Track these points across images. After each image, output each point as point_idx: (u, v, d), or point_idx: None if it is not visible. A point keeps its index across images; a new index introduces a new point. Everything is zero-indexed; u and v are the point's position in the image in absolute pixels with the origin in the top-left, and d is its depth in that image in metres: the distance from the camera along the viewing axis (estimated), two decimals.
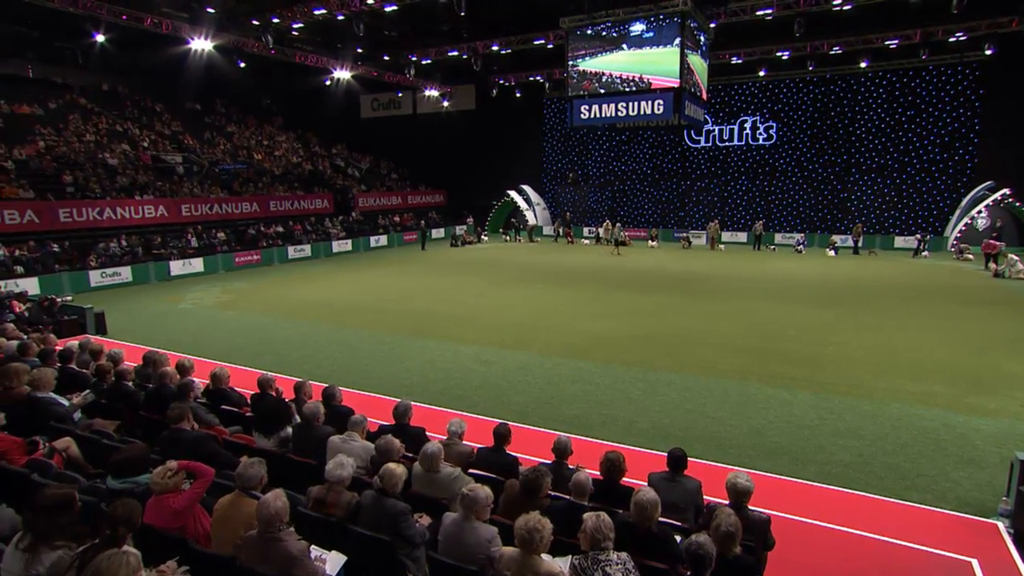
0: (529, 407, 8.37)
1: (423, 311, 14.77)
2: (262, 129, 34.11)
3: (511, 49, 25.19)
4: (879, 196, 28.04)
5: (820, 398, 8.51)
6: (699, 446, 7.04)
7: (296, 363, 10.54)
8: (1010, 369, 9.84)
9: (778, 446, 7.04)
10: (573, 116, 18.22)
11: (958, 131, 26.21)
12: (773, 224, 29.87)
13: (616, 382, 9.33)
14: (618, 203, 34.36)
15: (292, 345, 11.82)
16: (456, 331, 12.65)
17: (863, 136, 27.99)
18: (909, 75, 26.63)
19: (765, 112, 29.87)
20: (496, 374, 9.82)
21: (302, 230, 27.22)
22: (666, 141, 32.56)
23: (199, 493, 3.61)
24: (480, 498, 3.38)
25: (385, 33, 26.26)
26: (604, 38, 17.20)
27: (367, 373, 9.96)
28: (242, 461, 3.52)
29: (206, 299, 16.94)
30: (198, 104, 32.09)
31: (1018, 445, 6.97)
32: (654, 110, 16.64)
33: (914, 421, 7.71)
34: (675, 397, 8.66)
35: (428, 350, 11.30)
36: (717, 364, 10.20)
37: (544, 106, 35.28)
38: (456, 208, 36.77)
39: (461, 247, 29.95)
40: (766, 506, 4.69)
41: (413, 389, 9.13)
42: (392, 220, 32.69)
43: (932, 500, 5.83)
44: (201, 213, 23.79)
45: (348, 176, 34.26)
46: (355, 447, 4.57)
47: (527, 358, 10.65)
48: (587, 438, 7.25)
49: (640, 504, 3.44)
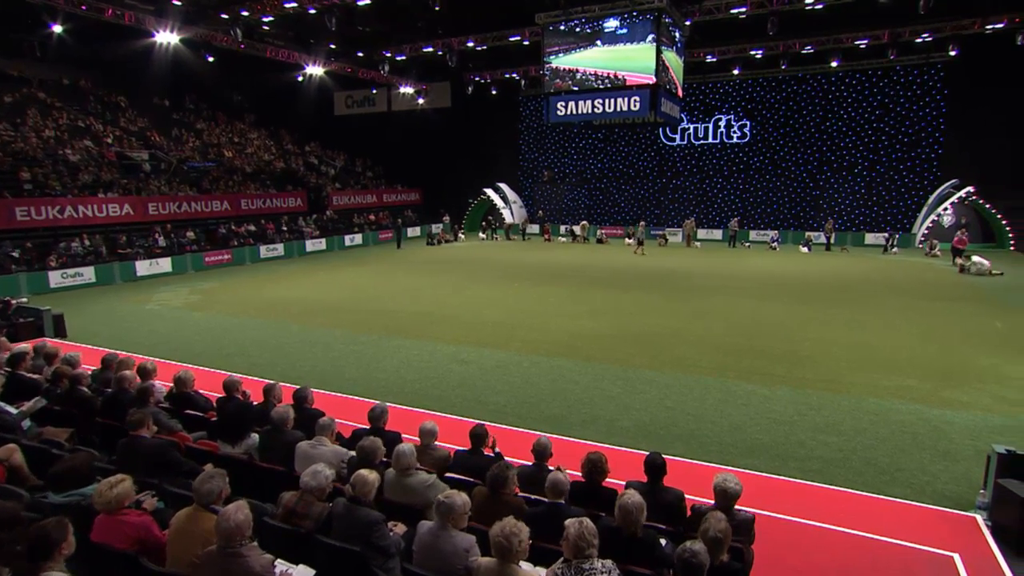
0: (508, 407, 8.21)
1: (399, 310, 14.51)
2: (233, 126, 33.33)
3: (487, 46, 24.97)
4: (850, 193, 28.54)
5: (799, 394, 8.51)
6: (680, 444, 6.96)
7: (268, 365, 10.23)
8: (979, 363, 9.99)
9: (759, 443, 7.00)
10: (549, 113, 18.14)
11: (924, 130, 26.79)
12: (748, 221, 30.19)
13: (596, 380, 9.22)
14: (595, 201, 34.40)
15: (264, 346, 11.48)
16: (432, 330, 12.43)
17: (834, 135, 28.45)
18: (878, 75, 27.13)
19: (739, 111, 30.17)
20: (474, 373, 9.64)
21: (275, 229, 26.65)
22: (642, 139, 32.69)
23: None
24: (456, 505, 3.20)
25: (359, 28, 25.82)
26: (578, 34, 17.15)
27: (341, 374, 9.71)
28: (200, 474, 3.28)
29: (174, 300, 16.41)
30: (166, 100, 31.19)
31: (991, 438, 7.03)
32: (630, 107, 16.65)
33: (891, 415, 7.74)
34: (655, 395, 8.58)
35: (404, 349, 11.07)
36: (696, 361, 10.16)
37: (520, 104, 35.14)
38: (432, 206, 36.44)
39: (437, 245, 29.66)
40: (749, 504, 4.59)
41: (389, 390, 8.91)
42: (367, 219, 32.24)
43: (912, 494, 5.82)
44: (169, 212, 23.12)
45: (322, 174, 33.69)
46: (324, 452, 4.35)
47: (505, 357, 10.49)
48: (568, 438, 7.11)
49: (625, 508, 3.30)
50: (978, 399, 8.34)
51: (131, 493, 3.24)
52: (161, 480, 3.81)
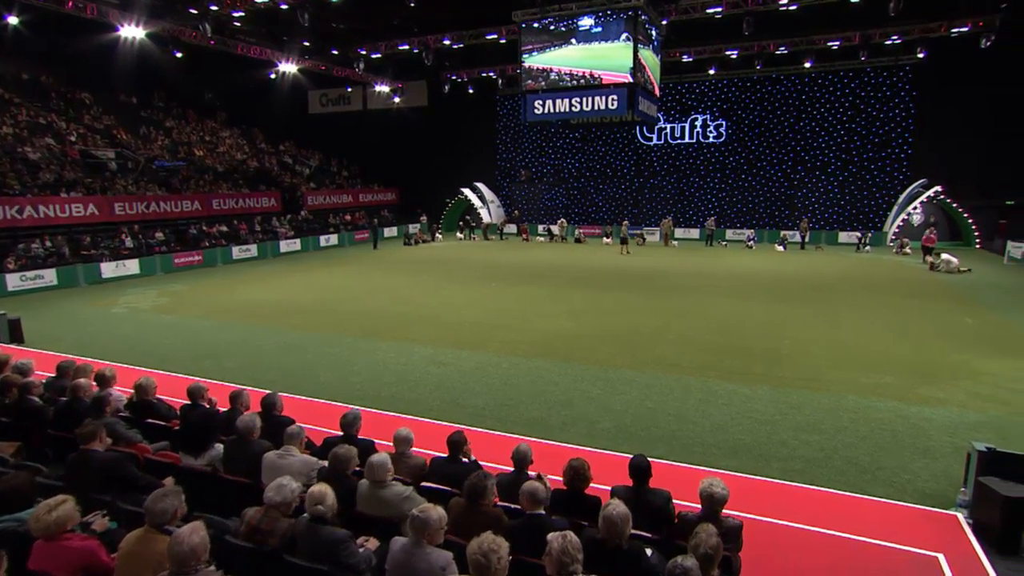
0: (487, 410, 8.03)
1: (375, 311, 14.23)
2: (204, 124, 32.53)
3: (463, 44, 24.74)
4: (824, 193, 28.94)
5: (780, 393, 8.48)
6: (662, 446, 6.86)
7: (238, 369, 9.90)
8: (952, 359, 10.11)
9: (741, 443, 6.93)
10: (526, 112, 17.99)
11: (894, 130, 27.29)
12: (725, 221, 30.43)
13: (576, 381, 9.09)
14: (572, 200, 34.37)
15: (235, 350, 11.13)
16: (409, 332, 12.19)
17: (808, 135, 28.83)
18: (849, 76, 27.56)
19: (715, 110, 30.40)
20: (451, 376, 9.44)
21: (248, 229, 26.06)
22: (619, 138, 32.76)
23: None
24: (432, 520, 3.01)
25: (332, 25, 25.39)
26: (553, 32, 17.04)
27: (315, 378, 9.43)
28: (153, 491, 3.03)
29: (141, 302, 15.87)
30: (134, 97, 30.30)
31: (968, 434, 7.08)
32: (608, 105, 16.58)
33: (870, 413, 7.75)
34: (636, 395, 8.48)
35: (380, 352, 10.82)
36: (677, 360, 10.10)
37: (497, 103, 34.95)
38: (409, 206, 36.05)
39: (415, 246, 29.32)
40: (733, 507, 4.47)
41: (364, 393, 8.67)
42: (343, 219, 31.74)
43: (894, 493, 5.79)
44: (137, 212, 22.41)
45: (296, 174, 33.09)
46: (293, 463, 4.12)
47: (483, 358, 10.31)
48: (548, 441, 6.96)
49: (610, 519, 3.14)
50: (953, 395, 8.41)
51: (74, 515, 2.97)
52: (114, 497, 3.54)
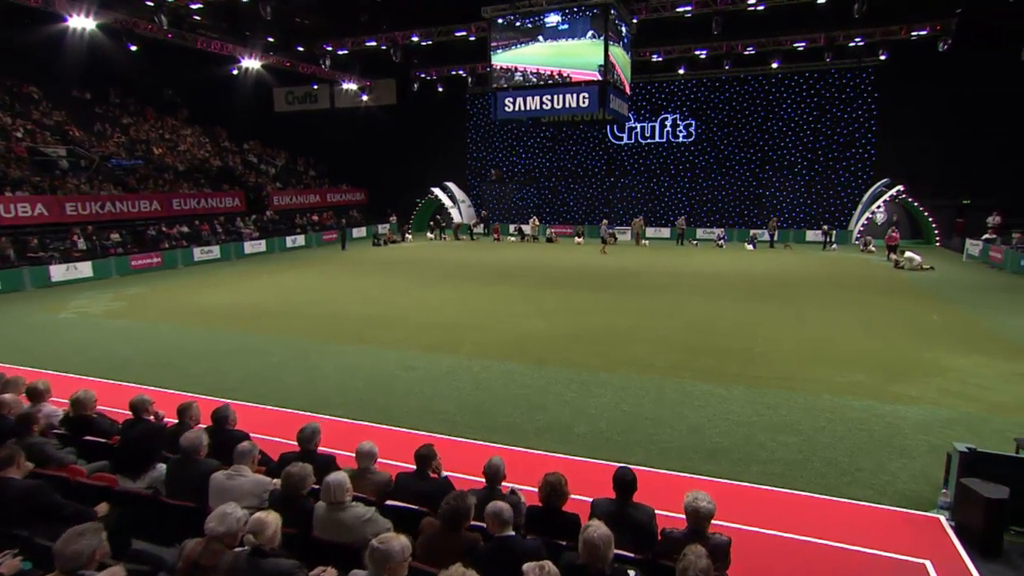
0: (458, 416, 7.72)
1: (343, 314, 13.76)
2: (164, 122, 31.35)
3: (432, 41, 24.33)
4: (791, 192, 29.37)
5: (755, 392, 8.36)
6: (639, 451, 6.65)
7: (197, 376, 9.38)
8: (921, 356, 10.17)
9: (719, 446, 6.76)
10: (497, 109, 17.71)
11: (858, 131, 27.84)
12: (695, 220, 30.62)
13: (549, 384, 8.84)
14: (543, 200, 34.21)
15: (193, 356, 10.57)
16: (378, 334, 11.79)
17: (775, 134, 29.22)
18: (815, 77, 28.01)
19: (685, 110, 30.60)
20: (421, 380, 9.10)
21: (210, 230, 25.18)
22: (590, 138, 32.73)
23: None
24: (395, 552, 2.69)
25: (296, 20, 24.71)
26: (519, 29, 16.78)
27: (278, 384, 8.98)
28: (67, 531, 2.64)
29: (93, 307, 15.08)
30: (88, 93, 28.98)
31: (943, 433, 7.06)
32: (579, 103, 16.41)
33: (846, 412, 7.68)
34: (611, 398, 8.27)
35: (347, 356, 10.41)
36: (651, 361, 9.94)
37: (467, 101, 34.60)
38: (379, 206, 35.42)
39: (384, 246, 28.77)
40: (716, 515, 4.27)
41: (331, 400, 8.27)
42: (310, 219, 30.99)
43: (874, 496, 5.67)
44: (91, 212, 21.41)
45: (262, 173, 32.16)
46: (243, 484, 3.75)
47: (455, 362, 9.99)
48: (521, 448, 6.70)
49: (591, 543, 2.88)
50: (925, 393, 8.41)
51: None
52: (33, 532, 3.13)
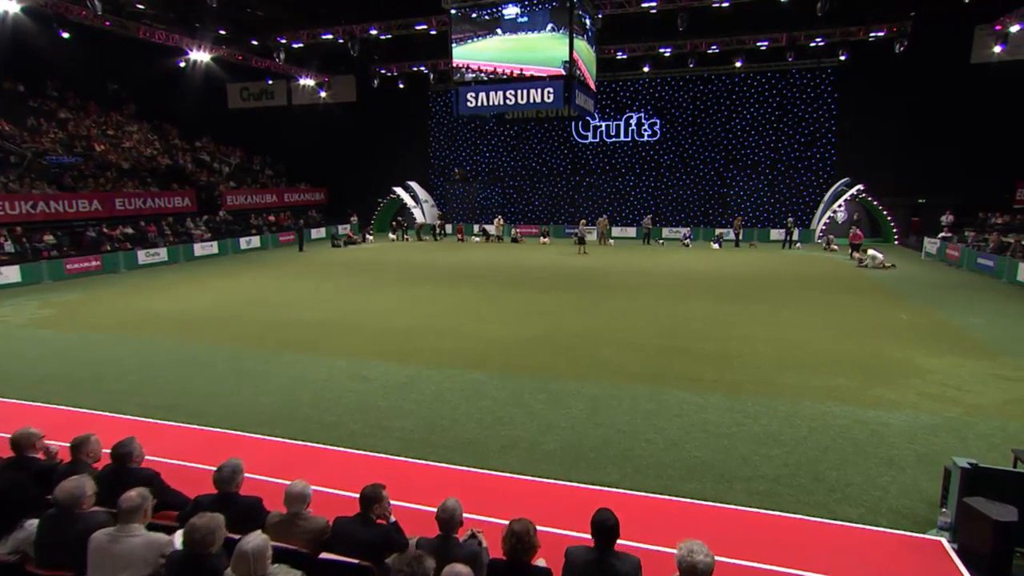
0: (415, 433, 7.05)
1: (296, 320, 12.89)
2: (108, 117, 29.57)
3: (391, 34, 23.46)
4: (755, 191, 29.49)
5: (733, 400, 7.92)
6: (614, 469, 6.09)
7: (126, 393, 8.46)
8: (895, 356, 9.94)
9: (699, 461, 6.26)
10: (459, 104, 17.04)
11: (819, 130, 28.12)
12: (661, 219, 30.48)
13: (515, 395, 8.23)
14: (508, 199, 33.63)
15: (126, 369, 9.61)
16: (332, 342, 11.00)
17: (739, 134, 29.30)
18: (777, 76, 28.18)
19: (650, 108, 30.43)
20: (377, 392, 8.38)
21: (157, 232, 23.76)
22: (555, 136, 32.31)
23: None
24: None
25: (248, 11, 23.54)
26: (476, 21, 16.16)
27: (218, 400, 8.14)
28: None
29: (16, 316, 13.81)
30: (20, 84, 27.09)
31: (928, 440, 6.74)
32: (544, 98, 15.88)
33: (828, 420, 7.29)
34: (582, 408, 7.71)
35: (297, 366, 9.61)
36: (623, 366, 9.43)
37: (430, 99, 33.80)
38: (339, 206, 34.27)
39: (344, 247, 27.74)
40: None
41: (275, 417, 7.50)
42: (267, 220, 29.68)
43: (868, 516, 5.23)
44: (21, 212, 19.88)
45: (215, 172, 30.69)
46: (134, 546, 3.01)
47: (414, 371, 9.29)
48: (484, 470, 6.07)
49: None
50: (905, 396, 8.11)
51: None
52: None
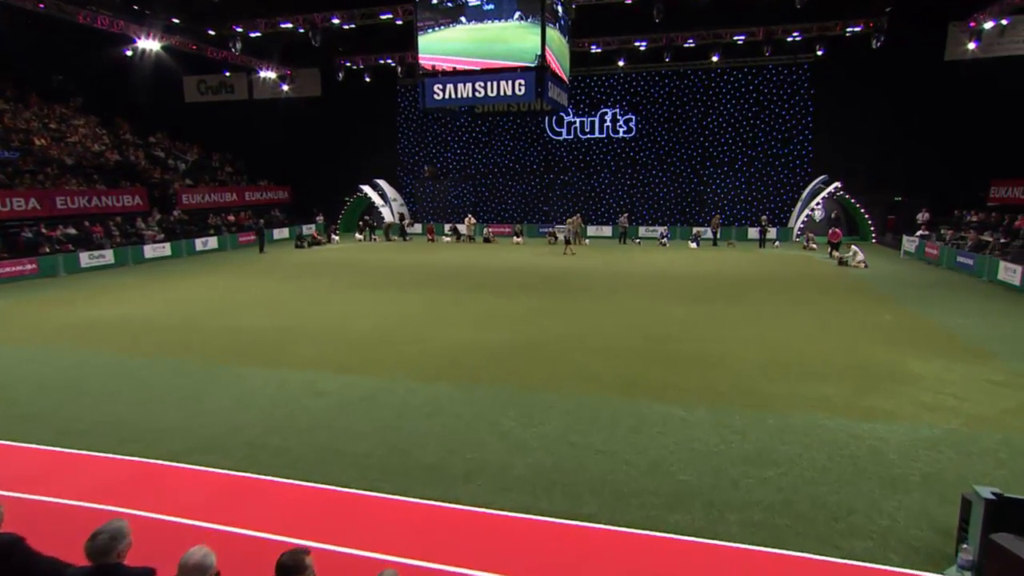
0: (372, 457, 6.26)
1: (249, 328, 11.92)
2: (50, 110, 27.85)
3: (355, 24, 22.44)
4: (732, 189, 29.16)
5: (719, 413, 7.28)
6: (592, 499, 5.37)
7: (43, 415, 7.48)
8: (883, 359, 9.50)
9: (686, 486, 5.59)
10: (425, 97, 16.18)
11: (796, 127, 27.97)
12: (637, 217, 29.98)
13: (484, 411, 7.47)
14: (480, 198, 32.79)
15: (50, 386, 8.58)
16: (286, 352, 10.10)
17: (716, 130, 28.99)
18: (753, 72, 27.92)
19: (624, 104, 29.92)
20: (332, 410, 7.55)
21: (103, 232, 22.33)
22: (528, 132, 31.60)
23: None
24: None
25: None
26: (440, 9, 15.35)
27: (152, 422, 7.22)
28: None
29: None
30: None
31: (931, 458, 6.19)
32: (515, 91, 15.13)
33: (821, 434, 6.70)
34: (556, 425, 6.99)
35: (246, 380, 8.71)
36: (600, 374, 8.76)
37: (398, 93, 32.80)
38: (304, 205, 33.03)
39: (308, 248, 26.60)
40: None
41: (213, 443, 6.63)
42: (226, 219, 28.33)
43: (877, 550, 4.62)
44: None
45: (169, 169, 29.20)
46: None
47: (374, 384, 8.47)
48: (445, 504, 5.30)
49: None
50: (900, 406, 7.58)
51: None
52: None
